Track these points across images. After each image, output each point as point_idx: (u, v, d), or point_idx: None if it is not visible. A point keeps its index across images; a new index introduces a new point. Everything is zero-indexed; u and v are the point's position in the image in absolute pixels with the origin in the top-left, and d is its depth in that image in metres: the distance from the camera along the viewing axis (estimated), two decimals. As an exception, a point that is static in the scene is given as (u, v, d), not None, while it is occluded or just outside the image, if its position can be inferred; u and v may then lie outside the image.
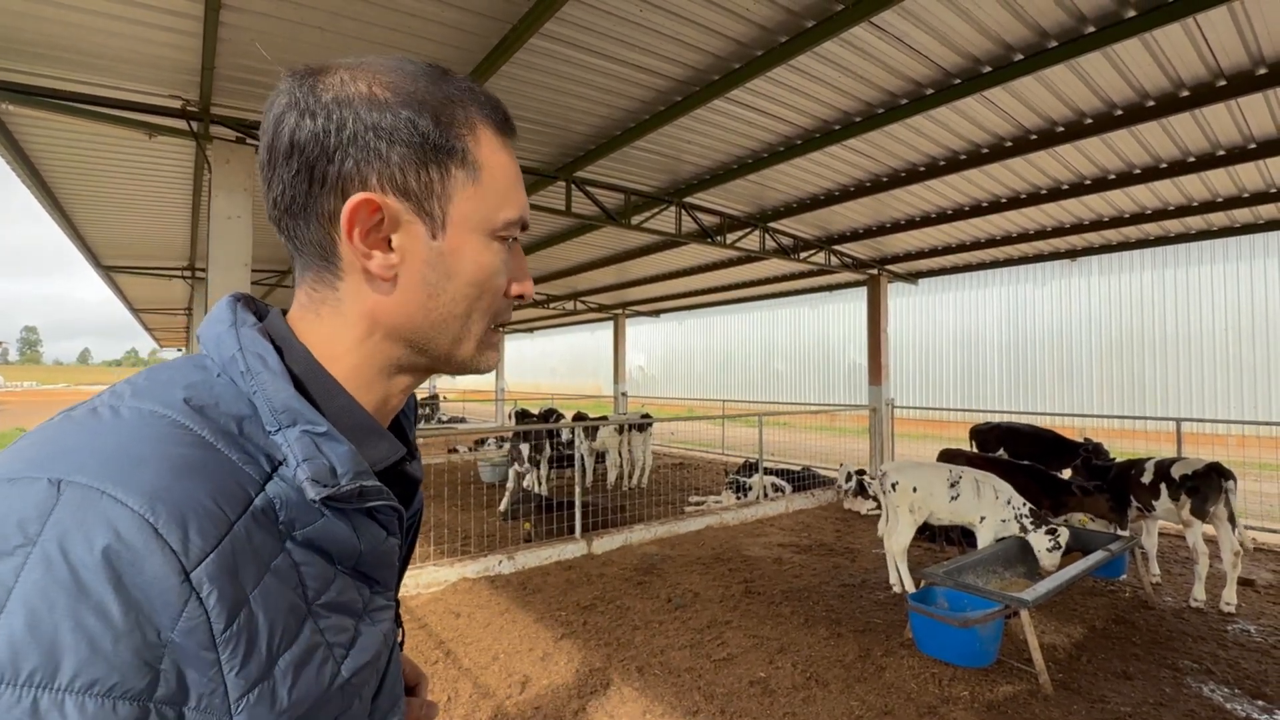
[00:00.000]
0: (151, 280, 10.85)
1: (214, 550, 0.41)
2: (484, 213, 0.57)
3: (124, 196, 6.49)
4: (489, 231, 0.57)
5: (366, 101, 0.52)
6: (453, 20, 3.39)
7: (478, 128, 0.57)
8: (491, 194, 0.57)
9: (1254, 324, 13.04)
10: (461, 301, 0.57)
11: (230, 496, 0.44)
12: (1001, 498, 4.58)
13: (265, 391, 0.49)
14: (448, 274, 0.56)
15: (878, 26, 3.44)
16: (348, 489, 0.49)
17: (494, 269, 0.58)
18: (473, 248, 0.57)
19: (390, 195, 0.53)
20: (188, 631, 0.39)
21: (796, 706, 3.23)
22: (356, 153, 0.52)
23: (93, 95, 4.02)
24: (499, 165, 0.58)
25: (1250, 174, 5.43)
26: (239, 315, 0.54)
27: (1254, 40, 3.53)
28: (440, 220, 0.55)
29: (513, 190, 0.59)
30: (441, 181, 0.55)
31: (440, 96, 0.55)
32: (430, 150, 0.54)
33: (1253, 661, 3.72)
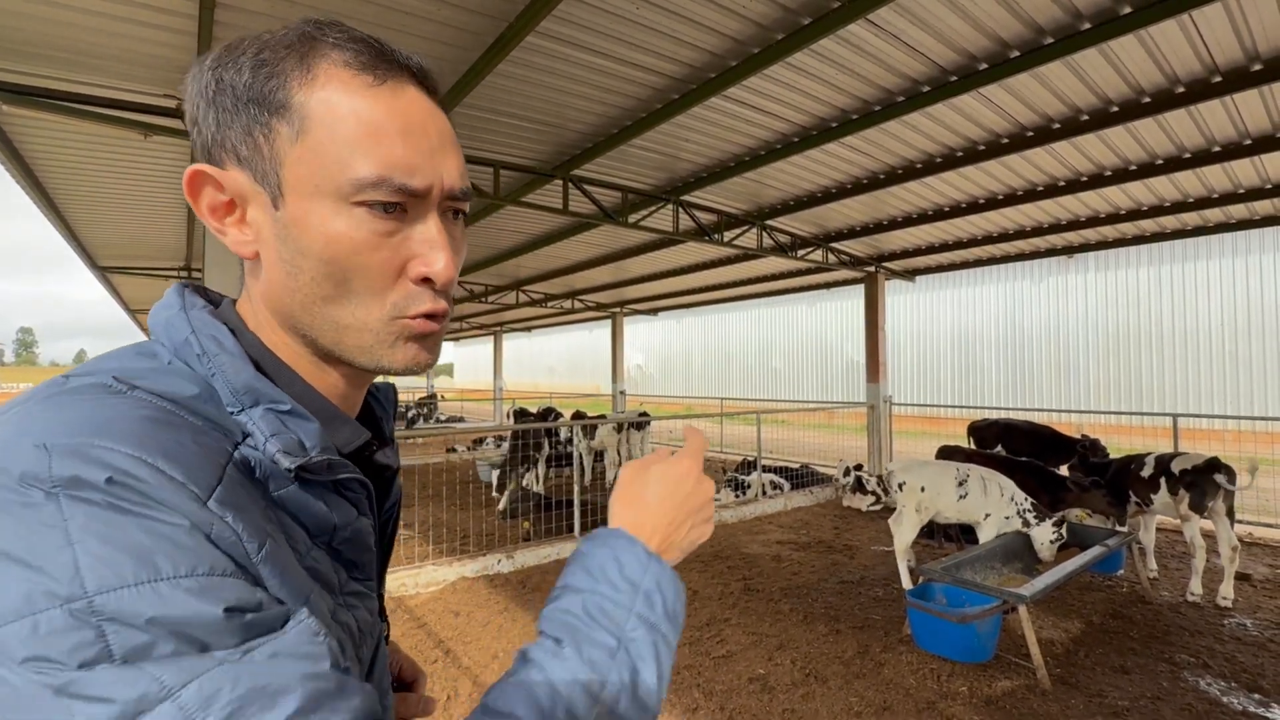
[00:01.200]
0: (147, 280, 10.81)
1: (219, 484, 0.41)
2: (322, 172, 0.47)
3: (119, 196, 6.47)
4: (337, 195, 0.47)
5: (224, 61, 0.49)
6: (448, 18, 3.39)
7: (317, 69, 0.48)
8: (329, 148, 0.47)
9: (1250, 320, 13.09)
10: (324, 282, 0.49)
11: (213, 447, 0.43)
12: (1006, 494, 4.59)
13: (224, 373, 0.47)
14: (299, 250, 0.48)
15: (874, 24, 3.44)
16: (318, 460, 0.47)
17: (351, 243, 0.48)
18: (317, 217, 0.48)
19: (232, 164, 0.49)
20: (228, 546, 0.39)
21: (796, 703, 3.24)
22: (208, 117, 0.49)
23: (87, 95, 4.00)
24: (343, 112, 0.47)
25: (1245, 170, 5.44)
26: (187, 299, 0.52)
27: (1249, 36, 3.54)
28: (276, 186, 0.48)
29: (369, 142, 0.47)
30: (267, 141, 0.48)
31: (282, 43, 0.48)
32: (249, 104, 0.48)
33: (1249, 655, 3.73)
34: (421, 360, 0.53)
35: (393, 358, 0.52)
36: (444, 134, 0.52)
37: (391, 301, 0.50)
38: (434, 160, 0.50)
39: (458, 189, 0.52)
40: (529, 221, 7.74)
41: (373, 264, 0.49)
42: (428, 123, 0.51)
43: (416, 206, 0.50)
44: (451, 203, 0.53)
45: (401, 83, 0.50)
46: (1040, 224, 7.36)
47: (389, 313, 0.50)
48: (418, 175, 0.49)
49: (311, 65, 0.48)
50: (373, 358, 0.52)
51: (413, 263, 0.50)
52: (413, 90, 0.51)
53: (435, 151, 0.50)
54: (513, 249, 9.12)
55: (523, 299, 13.60)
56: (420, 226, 0.51)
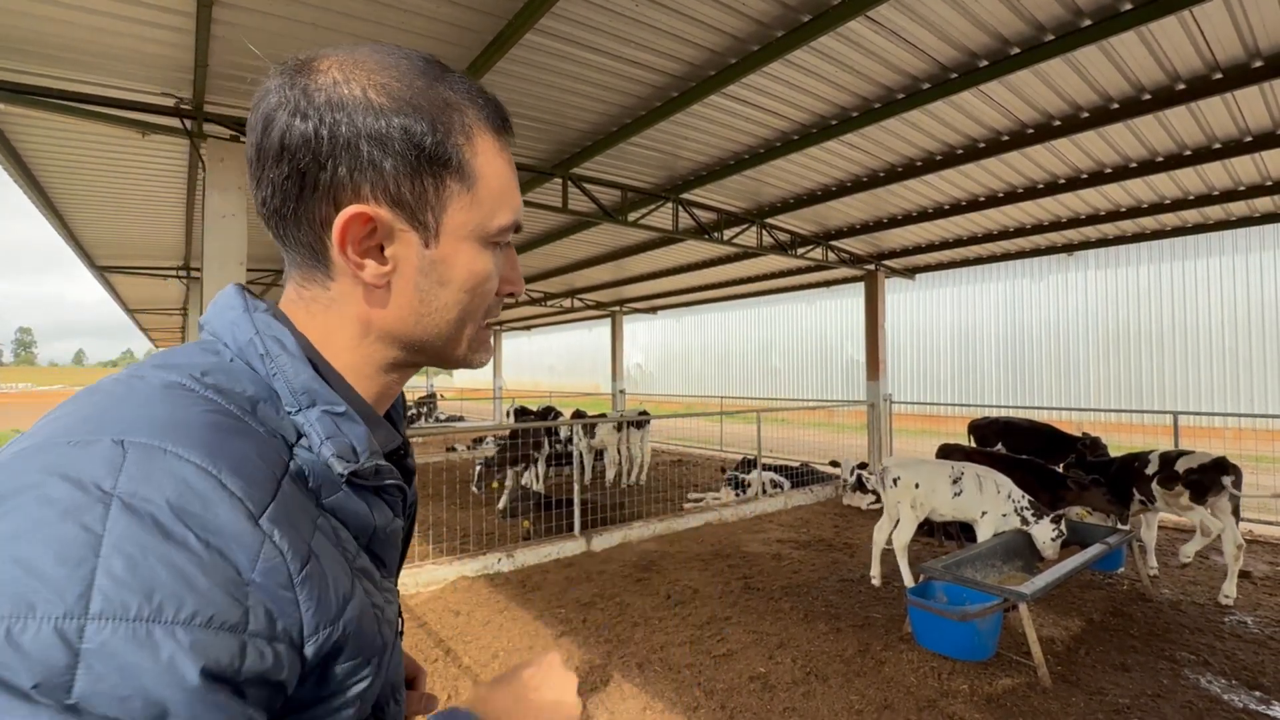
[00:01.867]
0: (146, 280, 10.80)
1: (273, 500, 0.43)
2: (478, 220, 0.56)
3: (118, 196, 6.45)
4: (483, 239, 0.57)
5: (361, 106, 0.50)
6: (448, 16, 3.38)
7: (474, 134, 0.55)
8: (486, 202, 0.56)
9: (1250, 317, 13.09)
10: (455, 307, 0.57)
11: (271, 458, 0.46)
12: (1002, 492, 4.59)
13: (285, 374, 0.51)
14: (440, 281, 0.56)
15: (874, 20, 3.43)
16: (368, 466, 0.51)
17: (487, 274, 0.58)
18: (466, 255, 0.56)
19: (383, 205, 0.52)
20: (267, 571, 0.41)
21: (796, 701, 3.24)
22: (349, 160, 0.51)
23: (85, 94, 3.99)
24: (495, 172, 0.56)
25: (1246, 167, 5.44)
26: (249, 302, 0.55)
27: (1250, 33, 3.53)
28: (434, 230, 0.54)
29: (508, 195, 0.58)
30: (436, 192, 0.53)
31: (438, 101, 0.53)
32: (425, 160, 0.52)
33: (1249, 653, 3.73)
34: (489, 356, 0.65)
35: (478, 358, 0.63)
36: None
37: (485, 312, 0.61)
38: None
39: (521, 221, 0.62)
40: (528, 220, 7.73)
41: (491, 289, 0.60)
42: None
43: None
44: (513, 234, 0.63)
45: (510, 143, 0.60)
46: (1040, 221, 7.36)
47: (482, 322, 0.61)
48: (521, 216, 0.60)
49: (469, 128, 0.55)
50: (466, 360, 0.62)
51: (504, 284, 0.61)
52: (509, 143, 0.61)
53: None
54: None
55: (522, 298, 13.59)
56: (507, 256, 0.61)
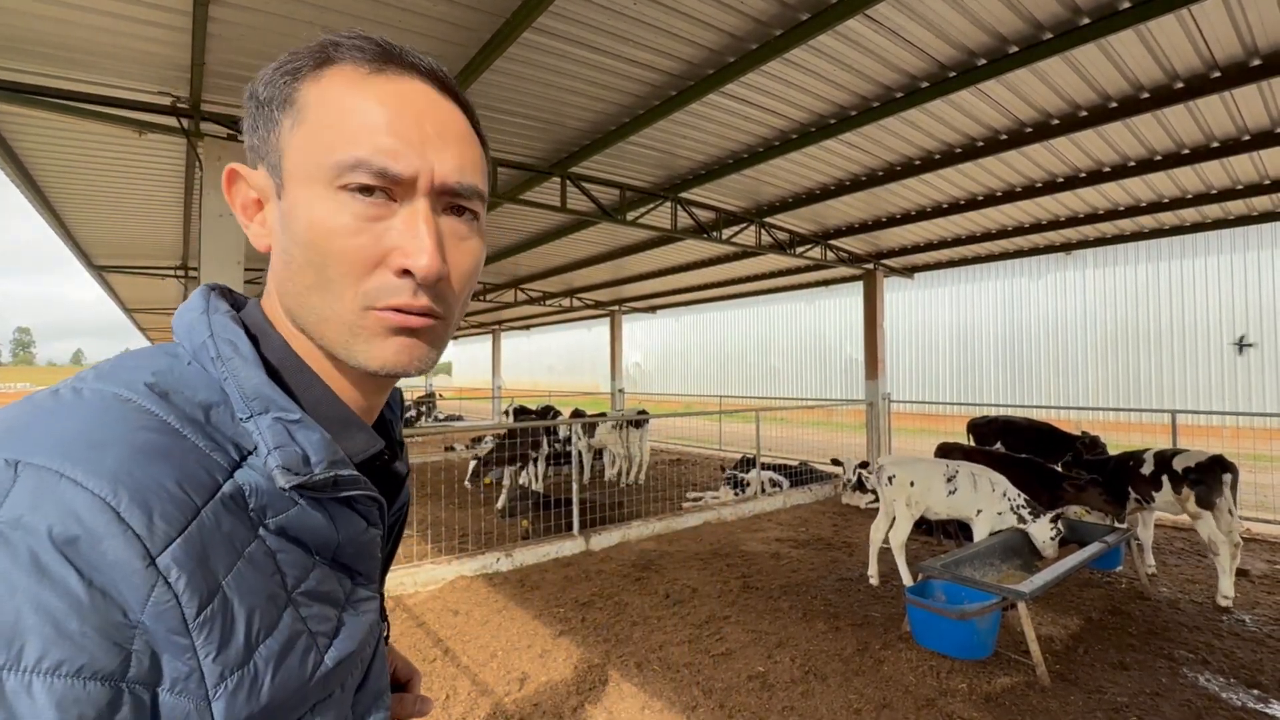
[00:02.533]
0: (144, 280, 10.78)
1: (180, 535, 0.40)
2: (312, 158, 0.48)
3: (115, 195, 6.44)
4: (324, 181, 0.47)
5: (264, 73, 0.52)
6: (445, 14, 3.37)
7: (325, 67, 0.49)
8: (319, 133, 0.48)
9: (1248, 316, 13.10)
10: (307, 269, 0.48)
11: (196, 482, 0.42)
12: (997, 490, 4.59)
13: (237, 378, 0.47)
14: (293, 237, 0.49)
15: (872, 19, 3.43)
16: (321, 478, 0.47)
17: (330, 226, 0.47)
18: (305, 202, 0.48)
19: (260, 164, 0.52)
20: (157, 615, 0.38)
21: (795, 700, 3.24)
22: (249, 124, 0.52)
23: (81, 92, 3.97)
24: (337, 99, 0.48)
25: (1244, 166, 5.44)
26: (212, 303, 0.52)
27: (1248, 31, 3.53)
28: (280, 177, 0.50)
29: (357, 129, 0.47)
30: (274, 132, 0.50)
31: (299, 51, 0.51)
32: (262, 103, 0.50)
33: (1247, 651, 3.74)
34: (403, 358, 0.50)
35: (369, 354, 0.50)
36: (446, 127, 0.51)
37: (364, 290, 0.48)
38: (425, 149, 0.49)
39: (453, 182, 0.50)
40: (527, 219, 7.72)
41: (349, 249, 0.47)
42: (425, 113, 0.50)
43: (404, 195, 0.49)
44: (454, 199, 0.51)
45: (403, 75, 0.50)
46: (1039, 221, 7.36)
47: (360, 302, 0.48)
48: (400, 160, 0.48)
49: (323, 66, 0.50)
50: (350, 353, 0.50)
51: (394, 253, 0.48)
52: (415, 82, 0.51)
53: (429, 141, 0.49)
54: (511, 247, 9.10)
55: (521, 297, 13.58)
56: (405, 216, 0.49)
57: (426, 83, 0.51)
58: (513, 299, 13.72)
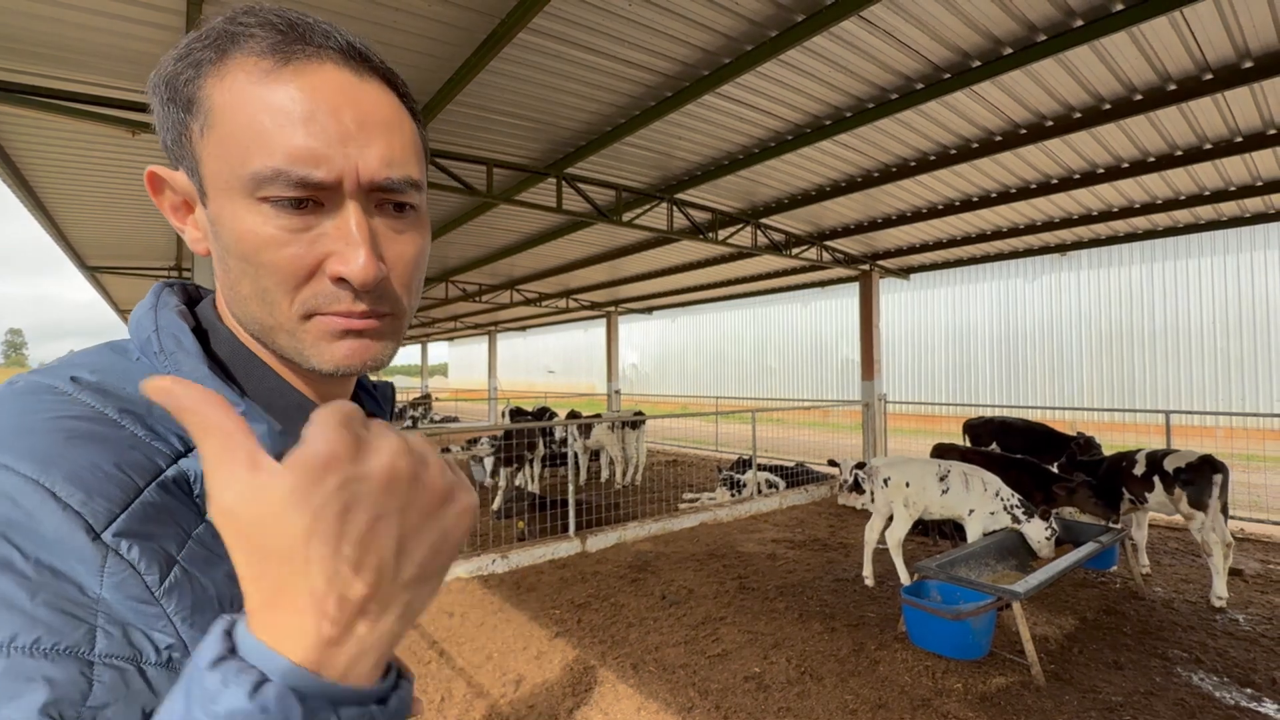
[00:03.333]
0: (137, 280, 10.73)
1: (123, 512, 0.39)
2: (227, 168, 0.45)
3: (108, 195, 6.41)
4: (243, 192, 0.45)
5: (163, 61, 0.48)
6: (439, 15, 3.36)
7: (229, 60, 0.45)
8: (230, 141, 0.44)
9: (1241, 317, 13.18)
10: (243, 279, 0.47)
11: (135, 465, 0.41)
12: (990, 490, 4.61)
13: (179, 370, 0.47)
14: (224, 248, 0.47)
15: (867, 20, 3.44)
16: None
17: (258, 240, 0.45)
18: (230, 214, 0.46)
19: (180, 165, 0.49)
20: (117, 586, 0.37)
21: (791, 701, 3.24)
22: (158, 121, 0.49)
23: (74, 92, 3.95)
24: (242, 101, 0.44)
25: (1236, 167, 5.47)
26: (161, 299, 0.52)
27: (1240, 34, 3.55)
28: (201, 184, 0.47)
29: (267, 132, 0.43)
30: (186, 139, 0.47)
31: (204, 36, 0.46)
32: (169, 104, 0.47)
33: (1240, 650, 3.75)
34: (355, 359, 0.48)
35: (320, 358, 0.48)
36: (368, 117, 0.46)
37: (301, 299, 0.47)
38: (346, 147, 0.45)
39: (382, 178, 0.46)
40: (523, 220, 7.71)
41: (280, 261, 0.45)
42: (341, 106, 0.45)
43: (331, 199, 0.46)
44: (385, 195, 0.48)
45: (312, 62, 0.45)
46: (1034, 221, 7.39)
47: (298, 310, 0.47)
48: (322, 165, 0.44)
49: (225, 56, 0.45)
50: (302, 357, 0.49)
51: (329, 260, 0.46)
52: (328, 69, 0.46)
53: (350, 137, 0.45)
54: (506, 248, 9.08)
55: (517, 298, 13.56)
56: (335, 221, 0.46)
57: (340, 65, 0.46)
58: (509, 300, 13.70)
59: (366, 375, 0.68)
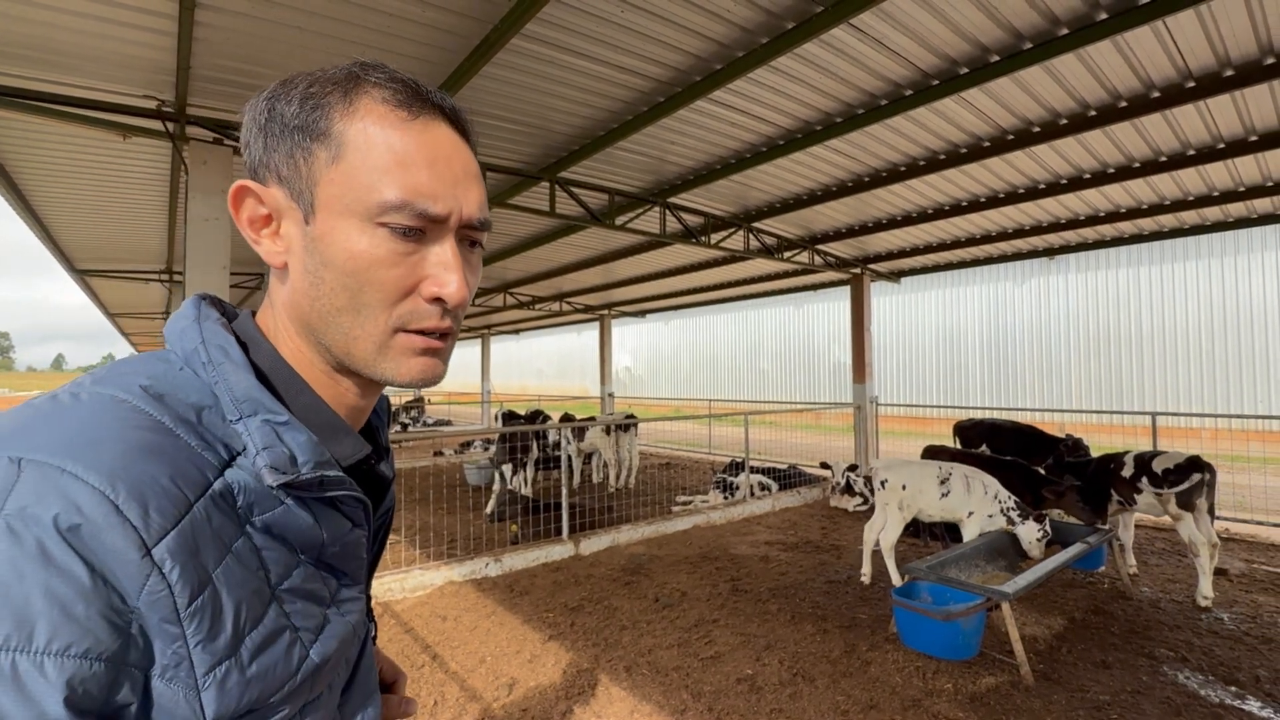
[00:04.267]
0: (128, 284, 10.64)
1: (174, 528, 0.42)
2: (352, 194, 0.51)
3: (98, 199, 6.36)
4: (363, 215, 0.51)
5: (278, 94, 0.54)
6: (433, 20, 3.37)
7: (358, 103, 0.53)
8: (361, 173, 0.51)
9: (1225, 320, 13.35)
10: (341, 293, 0.52)
11: (189, 479, 0.44)
12: (989, 492, 4.65)
13: (227, 381, 0.50)
14: (323, 262, 0.52)
15: (856, 28, 3.48)
16: (308, 477, 0.49)
17: (370, 259, 0.52)
18: (342, 233, 0.52)
19: (272, 182, 0.54)
20: (151, 604, 0.40)
21: (783, 703, 3.26)
22: (259, 141, 0.54)
23: (64, 95, 3.93)
24: (377, 142, 0.52)
25: (1219, 172, 5.56)
26: (203, 311, 0.55)
27: (1220, 43, 3.62)
28: (310, 204, 0.53)
29: (397, 170, 0.52)
30: (306, 163, 0.53)
31: (323, 80, 0.54)
32: (294, 131, 0.53)
33: (1225, 649, 3.81)
34: (428, 374, 0.56)
35: (397, 370, 0.55)
36: (468, 168, 0.56)
37: (397, 314, 0.53)
38: (455, 190, 0.54)
39: (476, 219, 0.56)
40: (516, 224, 7.72)
41: (387, 279, 0.52)
42: (453, 157, 0.55)
43: (435, 231, 0.54)
44: (469, 232, 0.57)
45: (433, 119, 0.55)
46: (1022, 226, 7.47)
47: (393, 324, 0.54)
48: (439, 202, 0.53)
49: (353, 99, 0.53)
50: (378, 370, 0.55)
51: (426, 282, 0.54)
52: (443, 127, 0.55)
53: (458, 183, 0.55)
54: (500, 251, 9.09)
55: (510, 301, 13.55)
56: (437, 249, 0.54)
57: (450, 126, 0.56)
58: (502, 303, 13.68)
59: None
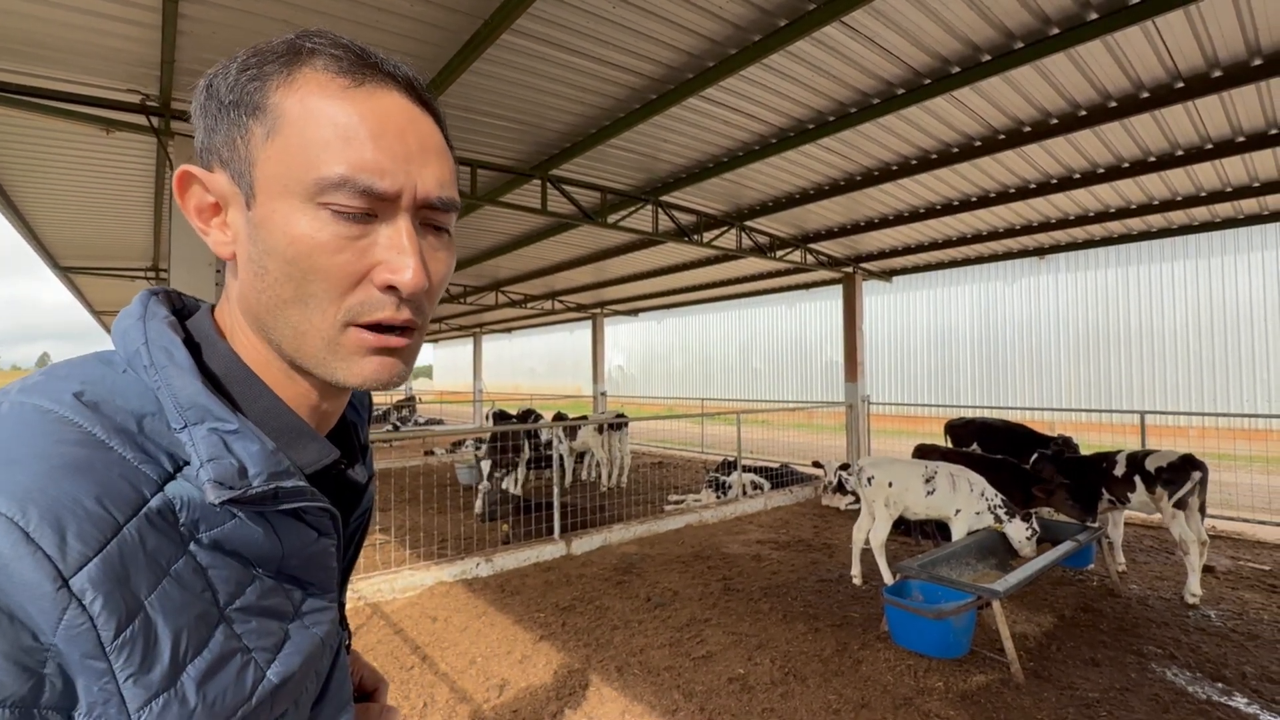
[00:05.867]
0: (113, 281, 10.51)
1: (97, 555, 0.38)
2: (290, 172, 0.46)
3: (82, 194, 6.27)
4: (302, 196, 0.46)
5: (218, 71, 0.49)
6: (422, 15, 3.34)
7: (298, 74, 0.47)
8: (298, 148, 0.46)
9: (1213, 319, 13.49)
10: (285, 283, 0.47)
11: (119, 497, 0.41)
12: (975, 490, 4.66)
13: (170, 386, 0.46)
14: (266, 250, 0.47)
15: (849, 26, 3.47)
16: (259, 491, 0.45)
17: (312, 244, 0.46)
18: (282, 217, 0.47)
19: (218, 167, 0.49)
20: (70, 639, 0.37)
21: (775, 702, 3.25)
22: (200, 123, 0.50)
23: (45, 89, 3.87)
24: (316, 113, 0.47)
25: (1207, 173, 5.60)
26: (150, 309, 0.51)
27: (1209, 44, 3.64)
28: (250, 186, 0.48)
29: (338, 143, 0.46)
30: (244, 141, 0.48)
31: (262, 51, 0.48)
32: (230, 108, 0.48)
33: (1213, 645, 3.84)
34: (383, 376, 0.50)
35: (348, 371, 0.50)
36: (425, 142, 0.50)
37: (347, 305, 0.48)
38: (408, 165, 0.48)
39: (434, 198, 0.50)
40: (508, 221, 7.68)
41: (332, 266, 0.47)
42: (406, 128, 0.49)
43: (386, 211, 0.48)
44: (430, 213, 0.51)
45: (380, 87, 0.49)
46: (1013, 225, 7.51)
47: (343, 317, 0.48)
48: (386, 178, 0.47)
49: (293, 70, 0.48)
50: (329, 370, 0.50)
51: (378, 269, 0.48)
52: (394, 95, 0.50)
53: (411, 157, 0.49)
54: (491, 249, 9.04)
55: (502, 300, 13.50)
56: (389, 232, 0.49)
57: (404, 95, 0.50)
58: (494, 302, 13.63)
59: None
